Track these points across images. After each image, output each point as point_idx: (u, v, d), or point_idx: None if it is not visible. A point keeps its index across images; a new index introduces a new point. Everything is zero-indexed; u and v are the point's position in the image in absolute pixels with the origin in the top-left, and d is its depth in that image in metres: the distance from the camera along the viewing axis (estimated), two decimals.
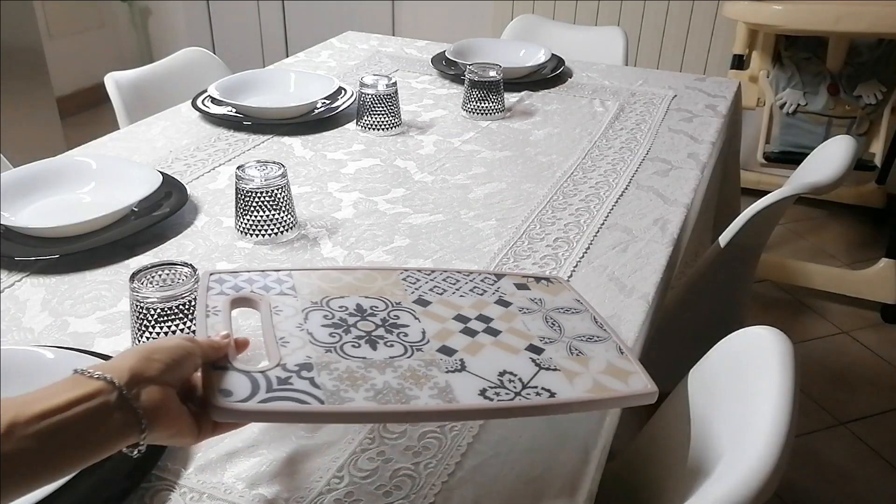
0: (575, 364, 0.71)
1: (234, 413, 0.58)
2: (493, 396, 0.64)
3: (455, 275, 0.84)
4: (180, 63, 1.79)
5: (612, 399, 0.69)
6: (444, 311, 0.76)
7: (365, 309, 0.74)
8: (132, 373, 0.53)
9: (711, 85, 1.75)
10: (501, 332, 0.74)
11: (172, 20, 3.84)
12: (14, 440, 0.46)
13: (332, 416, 0.61)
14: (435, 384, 0.64)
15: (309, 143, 1.39)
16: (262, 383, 0.60)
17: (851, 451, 1.79)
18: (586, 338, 0.76)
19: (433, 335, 0.72)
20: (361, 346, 0.68)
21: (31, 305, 0.91)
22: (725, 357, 0.83)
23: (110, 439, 0.51)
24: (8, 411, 0.47)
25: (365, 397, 0.61)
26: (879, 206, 2.74)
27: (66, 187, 1.14)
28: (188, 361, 0.58)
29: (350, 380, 0.63)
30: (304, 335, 0.68)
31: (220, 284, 0.74)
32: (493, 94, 1.50)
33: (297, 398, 0.60)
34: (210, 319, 0.68)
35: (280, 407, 0.58)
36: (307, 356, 0.65)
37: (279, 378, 0.61)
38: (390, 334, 0.70)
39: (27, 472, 0.47)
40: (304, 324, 0.69)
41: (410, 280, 0.81)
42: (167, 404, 0.54)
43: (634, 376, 0.71)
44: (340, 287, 0.77)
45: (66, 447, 0.49)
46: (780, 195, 1.21)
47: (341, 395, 0.61)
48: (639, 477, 0.93)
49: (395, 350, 0.68)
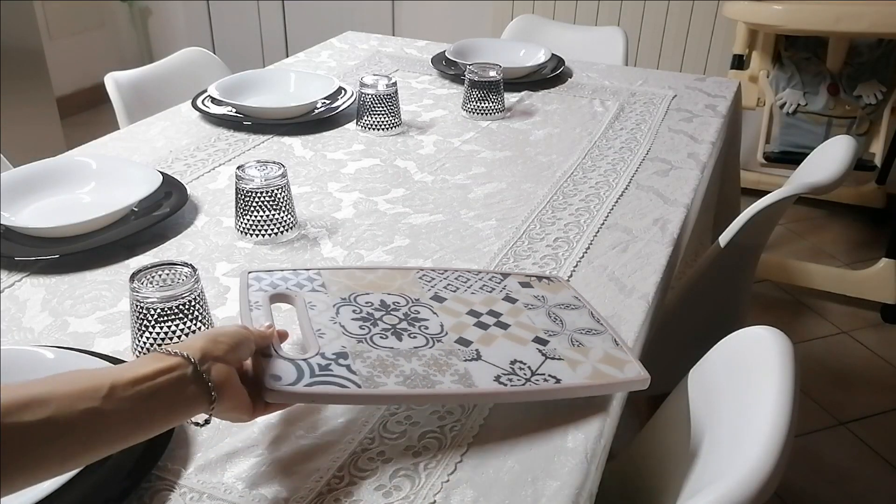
0: (576, 354, 0.79)
1: (286, 395, 0.66)
2: (506, 382, 0.72)
3: (465, 274, 0.92)
4: (180, 63, 1.79)
5: (610, 384, 0.76)
6: (459, 307, 0.84)
7: (388, 304, 0.82)
8: (203, 352, 0.60)
9: (711, 85, 1.75)
10: (510, 325, 0.82)
11: (172, 20, 3.84)
12: (114, 401, 0.53)
13: (370, 398, 0.69)
14: (455, 371, 0.72)
15: (309, 143, 1.40)
16: (305, 369, 0.68)
17: (851, 451, 1.79)
18: (585, 331, 0.84)
19: (450, 328, 0.79)
20: (388, 337, 0.76)
21: (31, 305, 0.91)
22: (725, 357, 0.83)
23: (187, 408, 0.58)
24: (108, 376, 0.54)
25: (396, 382, 0.69)
26: (879, 206, 2.74)
27: (66, 187, 1.14)
28: (245, 346, 0.65)
29: (381, 367, 0.71)
30: (338, 327, 0.76)
31: (258, 282, 0.82)
32: (493, 94, 1.50)
33: (339, 383, 0.67)
34: (253, 313, 0.76)
35: (325, 391, 0.67)
36: (342, 346, 0.73)
37: (320, 365, 0.69)
38: (413, 327, 0.78)
39: (121, 430, 0.54)
40: (336, 317, 0.77)
41: (426, 279, 0.89)
42: (232, 381, 0.61)
43: (629, 365, 0.79)
44: (365, 284, 0.85)
45: (152, 411, 0.56)
46: (780, 195, 1.21)
47: (375, 380, 0.69)
48: (639, 477, 0.93)
49: (418, 341, 0.76)
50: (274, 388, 0.65)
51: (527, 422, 0.74)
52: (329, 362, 0.70)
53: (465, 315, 0.82)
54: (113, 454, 0.53)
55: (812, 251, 2.62)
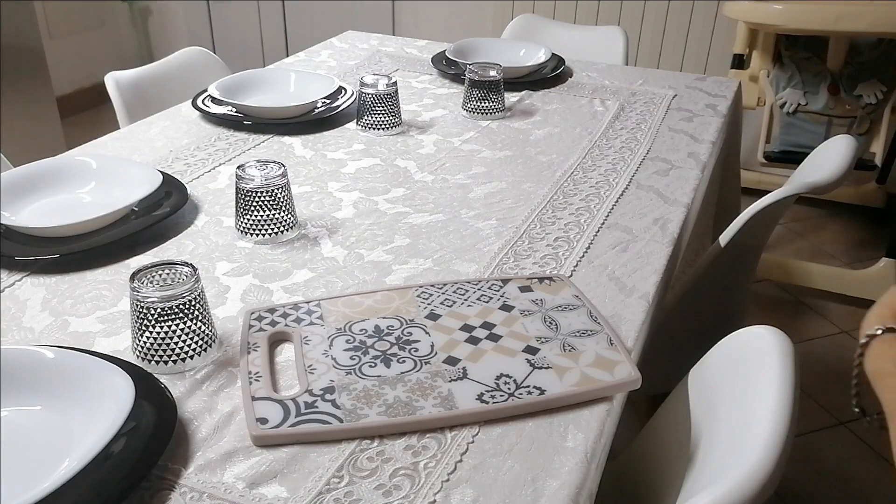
0: (566, 360, 0.80)
1: (269, 438, 0.69)
2: (488, 400, 0.74)
3: (465, 285, 0.94)
4: (180, 63, 1.79)
5: (596, 390, 0.77)
6: (452, 323, 0.86)
7: (382, 329, 0.85)
8: None
9: (712, 84, 1.74)
10: (502, 336, 0.84)
11: (173, 20, 3.84)
12: None
13: (350, 432, 0.71)
14: (439, 393, 0.75)
15: (309, 143, 1.39)
16: (292, 408, 0.72)
17: (851, 451, 1.79)
18: (580, 333, 0.85)
19: (441, 347, 0.82)
20: (377, 365, 0.79)
21: (32, 305, 0.91)
22: (725, 357, 0.83)
23: None
24: None
25: (378, 412, 0.72)
26: (879, 205, 2.74)
27: (66, 187, 1.14)
28: None
29: (366, 398, 0.74)
30: (329, 360, 0.79)
31: (259, 322, 0.86)
32: (493, 94, 1.50)
33: (321, 419, 0.71)
34: (251, 355, 0.80)
35: (307, 429, 0.70)
36: (330, 380, 0.76)
37: (306, 403, 0.73)
38: (403, 351, 0.81)
39: None
40: (329, 350, 0.81)
41: (424, 296, 0.91)
42: None
43: (620, 366, 0.79)
44: (362, 311, 0.88)
45: None
46: (781, 195, 1.21)
47: (358, 412, 0.72)
48: (639, 477, 0.93)
49: (406, 365, 0.79)
50: (257, 434, 0.69)
51: (527, 421, 0.74)
52: (315, 399, 0.73)
53: (458, 331, 0.85)
54: (113, 454, 0.53)
55: (812, 251, 2.62)
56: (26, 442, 0.69)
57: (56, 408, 0.72)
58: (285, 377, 0.78)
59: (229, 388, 0.78)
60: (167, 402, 0.72)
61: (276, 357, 0.82)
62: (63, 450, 0.68)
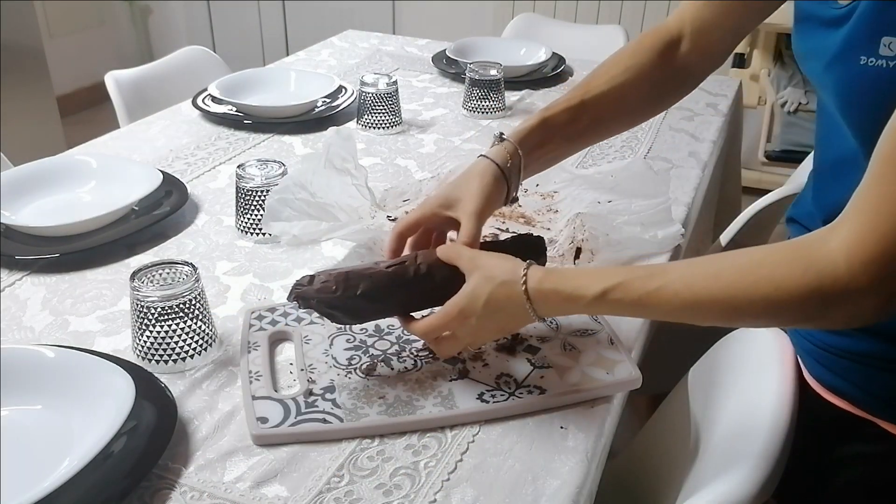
0: (567, 360, 0.80)
1: (270, 437, 0.69)
2: (489, 399, 0.74)
3: None
4: (180, 62, 1.79)
5: (596, 389, 0.76)
6: None
7: (382, 329, 0.84)
8: None
9: (712, 83, 1.74)
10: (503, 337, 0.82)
11: (173, 19, 3.84)
12: None
13: (350, 432, 0.71)
14: (439, 393, 0.75)
15: (309, 142, 1.39)
16: (292, 407, 0.72)
17: None
18: (581, 332, 0.84)
19: None
20: (377, 364, 0.78)
21: (32, 304, 0.91)
22: (725, 357, 0.83)
23: None
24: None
25: (378, 412, 0.72)
26: None
27: (66, 186, 1.14)
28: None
29: (366, 396, 0.74)
30: (329, 359, 0.79)
31: (259, 321, 0.85)
32: (493, 93, 1.50)
33: (321, 419, 0.71)
34: (251, 354, 0.79)
35: (308, 429, 0.70)
36: (331, 379, 0.76)
37: (307, 402, 0.73)
38: (403, 350, 0.81)
39: None
40: (329, 349, 0.80)
41: None
42: None
43: (621, 365, 0.79)
44: None
45: None
46: (782, 194, 1.21)
47: (358, 411, 0.72)
48: (639, 476, 0.93)
49: (406, 364, 0.79)
50: (258, 433, 0.69)
51: (527, 421, 0.74)
52: (316, 398, 0.73)
53: None
54: (113, 454, 0.52)
55: None
56: (27, 441, 0.69)
57: (56, 407, 0.72)
58: (285, 376, 0.78)
59: (229, 387, 0.78)
60: (167, 402, 0.72)
61: (276, 356, 0.82)
62: (63, 449, 0.68)
